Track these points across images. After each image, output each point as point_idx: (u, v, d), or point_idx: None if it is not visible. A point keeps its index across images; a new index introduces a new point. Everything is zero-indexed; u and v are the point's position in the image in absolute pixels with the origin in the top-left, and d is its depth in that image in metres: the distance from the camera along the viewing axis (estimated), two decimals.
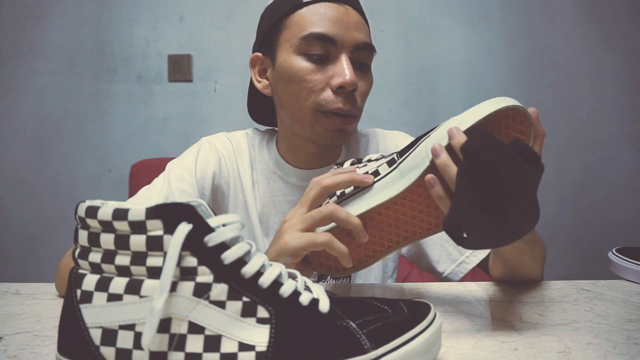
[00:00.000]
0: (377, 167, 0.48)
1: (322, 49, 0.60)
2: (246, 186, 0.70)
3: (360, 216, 0.47)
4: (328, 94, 0.60)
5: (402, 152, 0.48)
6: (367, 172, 0.49)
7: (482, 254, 0.67)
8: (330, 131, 0.62)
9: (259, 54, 0.68)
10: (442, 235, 0.68)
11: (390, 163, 0.48)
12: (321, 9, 0.61)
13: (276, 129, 0.75)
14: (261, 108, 0.76)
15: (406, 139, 0.76)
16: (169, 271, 0.28)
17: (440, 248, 0.70)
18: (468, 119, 0.43)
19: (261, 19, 0.69)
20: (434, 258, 0.70)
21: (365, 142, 0.75)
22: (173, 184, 0.66)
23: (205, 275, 0.29)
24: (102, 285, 0.29)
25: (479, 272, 0.76)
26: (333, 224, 0.48)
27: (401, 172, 0.46)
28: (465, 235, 0.40)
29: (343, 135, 0.63)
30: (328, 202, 0.50)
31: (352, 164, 0.52)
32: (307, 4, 0.62)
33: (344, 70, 0.59)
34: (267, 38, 0.66)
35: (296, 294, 0.31)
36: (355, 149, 0.75)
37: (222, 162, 0.71)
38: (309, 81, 0.60)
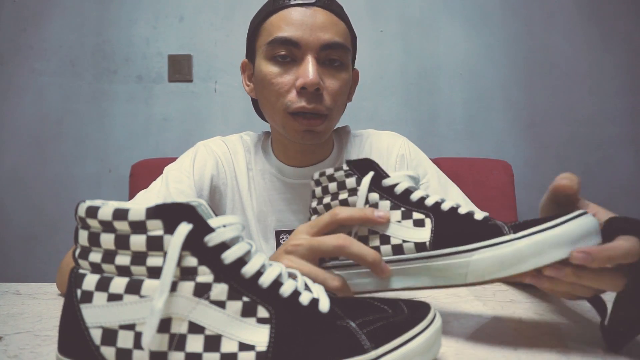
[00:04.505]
0: (402, 240, 0.41)
1: (287, 52, 0.63)
2: (242, 187, 0.72)
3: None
4: (293, 95, 0.63)
5: (436, 243, 0.40)
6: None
7: None
8: (300, 132, 0.65)
9: (246, 60, 0.73)
10: None
11: (420, 248, 0.40)
12: (287, 14, 0.64)
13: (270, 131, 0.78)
14: None
15: (395, 139, 0.79)
16: (169, 271, 0.28)
17: None
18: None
19: (248, 27, 0.73)
20: None
21: (357, 142, 0.78)
22: (171, 186, 0.67)
23: (205, 275, 0.29)
24: (102, 285, 0.29)
25: None
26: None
27: (429, 270, 0.40)
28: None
29: (313, 135, 0.65)
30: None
31: (336, 170, 0.47)
32: (277, 10, 0.65)
33: (306, 71, 0.62)
34: (249, 45, 0.71)
35: (296, 293, 0.31)
36: (347, 149, 0.77)
37: (219, 164, 0.73)
38: (275, 84, 0.63)
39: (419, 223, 0.41)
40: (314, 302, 0.31)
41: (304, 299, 0.31)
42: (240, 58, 0.76)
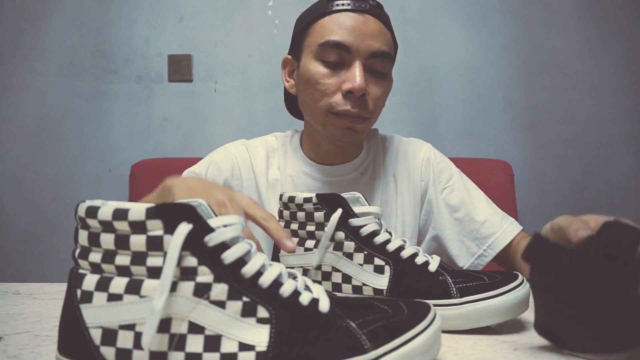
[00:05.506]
0: (362, 283, 0.45)
1: (336, 55, 0.65)
2: (261, 187, 0.75)
3: None
4: (338, 97, 0.65)
5: (392, 291, 0.45)
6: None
7: (499, 246, 0.71)
8: (341, 129, 0.67)
9: (289, 57, 0.75)
10: (461, 230, 0.74)
11: (377, 293, 0.45)
12: (341, 18, 0.65)
13: (299, 130, 0.81)
14: (295, 105, 0.81)
15: (421, 145, 0.81)
16: (169, 271, 0.28)
17: (460, 243, 0.74)
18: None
19: (294, 26, 0.75)
20: (454, 252, 0.74)
21: (384, 145, 0.80)
22: None
23: (205, 275, 0.29)
24: (102, 285, 0.29)
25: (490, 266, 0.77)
26: None
27: None
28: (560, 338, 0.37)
29: (353, 133, 0.68)
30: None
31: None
32: (330, 13, 0.66)
33: (354, 76, 0.64)
34: (295, 43, 0.72)
35: (296, 293, 0.31)
36: (376, 150, 0.80)
37: (235, 167, 0.76)
38: (322, 84, 0.65)
39: (379, 269, 0.45)
40: (314, 302, 0.31)
41: (304, 299, 0.31)
42: (240, 58, 0.77)
